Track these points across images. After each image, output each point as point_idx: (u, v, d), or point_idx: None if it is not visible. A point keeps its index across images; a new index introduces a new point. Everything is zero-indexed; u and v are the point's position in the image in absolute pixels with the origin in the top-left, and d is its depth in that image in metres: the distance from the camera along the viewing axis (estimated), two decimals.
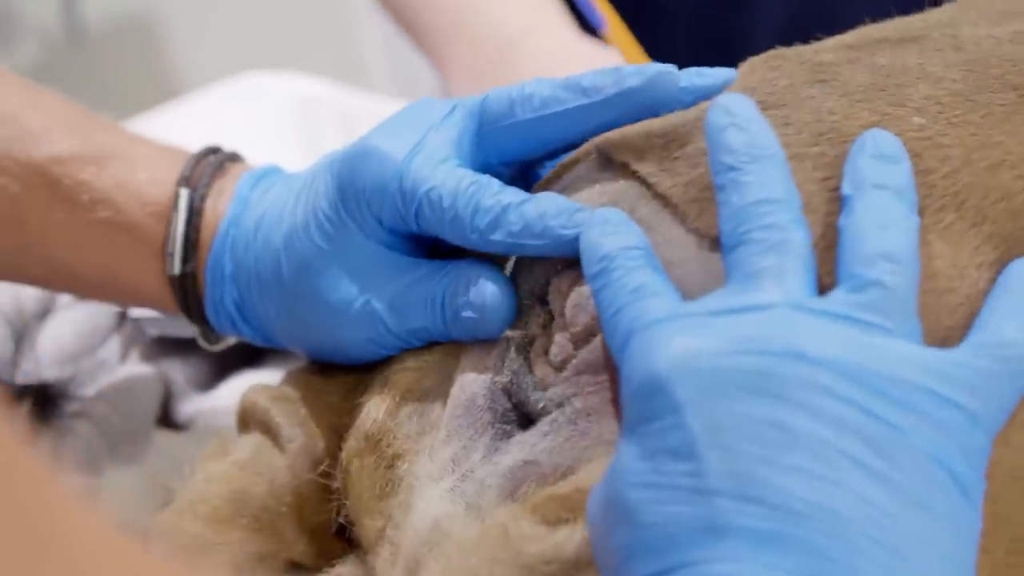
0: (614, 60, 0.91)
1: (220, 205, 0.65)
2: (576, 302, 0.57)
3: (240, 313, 0.65)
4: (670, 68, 0.59)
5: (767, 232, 0.51)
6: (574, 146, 0.61)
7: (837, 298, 0.50)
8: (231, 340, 0.71)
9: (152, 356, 0.83)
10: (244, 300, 0.64)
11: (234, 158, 0.67)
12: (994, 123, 0.57)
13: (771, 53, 0.63)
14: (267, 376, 0.85)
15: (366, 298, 0.60)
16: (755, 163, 0.52)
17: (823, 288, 0.52)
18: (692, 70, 0.59)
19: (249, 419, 0.67)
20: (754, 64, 0.62)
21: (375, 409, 0.61)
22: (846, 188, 0.53)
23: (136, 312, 0.82)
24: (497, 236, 0.58)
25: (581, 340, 0.57)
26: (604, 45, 0.93)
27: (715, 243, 0.55)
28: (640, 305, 0.51)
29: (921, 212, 0.54)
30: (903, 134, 0.56)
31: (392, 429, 0.60)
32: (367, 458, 0.61)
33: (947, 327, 0.53)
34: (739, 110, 0.54)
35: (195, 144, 0.69)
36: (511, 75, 0.87)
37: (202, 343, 0.70)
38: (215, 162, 0.66)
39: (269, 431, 0.65)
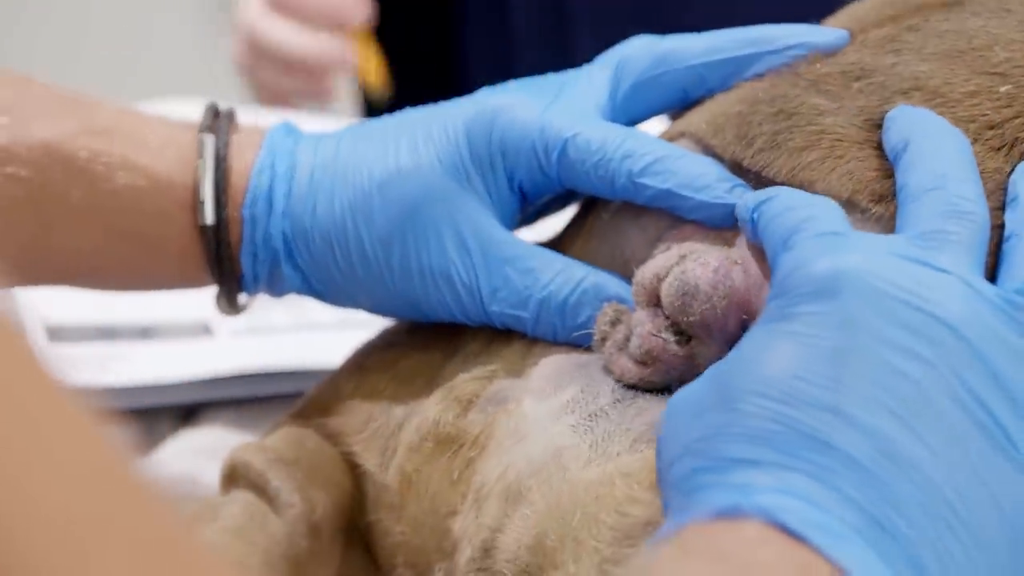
0: None
1: (247, 151, 0.64)
2: (683, 289, 0.54)
3: (288, 253, 0.64)
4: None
5: (956, 200, 0.51)
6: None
7: (1006, 294, 0.49)
8: (249, 308, 0.68)
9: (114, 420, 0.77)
10: (297, 238, 0.64)
11: (232, 113, 0.66)
12: None
13: None
14: (206, 434, 0.81)
15: (470, 268, 0.60)
16: (944, 136, 0.53)
17: None
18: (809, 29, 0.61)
19: (239, 478, 0.64)
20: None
21: (444, 414, 0.59)
22: (1019, 189, 0.53)
23: None
24: (650, 181, 0.58)
25: (697, 329, 0.55)
26: None
27: (847, 205, 0.54)
28: (811, 211, 0.51)
29: None
30: (998, 110, 0.55)
31: (466, 427, 0.59)
32: (439, 458, 0.59)
33: None
34: (913, 108, 0.55)
35: None
36: None
37: (221, 310, 0.67)
38: (227, 115, 0.65)
39: (265, 494, 0.62)
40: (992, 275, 0.51)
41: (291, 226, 0.63)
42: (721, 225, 0.57)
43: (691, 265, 0.54)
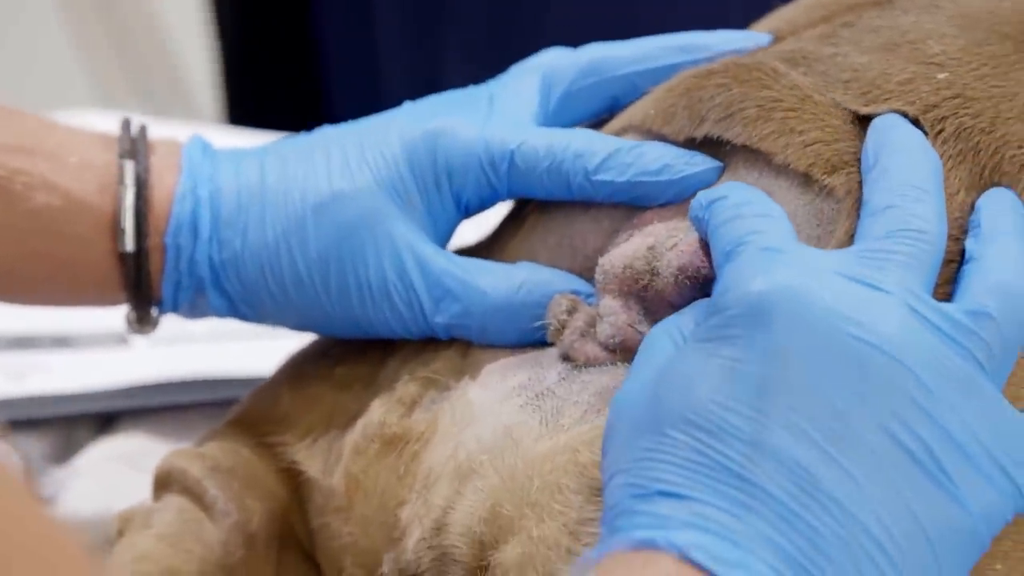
0: None
1: (166, 175, 0.63)
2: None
3: (215, 280, 0.63)
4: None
5: (910, 217, 0.51)
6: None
7: (951, 314, 0.49)
8: (161, 325, 0.67)
9: (3, 435, 0.79)
10: (226, 265, 0.63)
11: (145, 131, 0.65)
12: (1004, 73, 0.56)
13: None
14: (124, 442, 0.81)
15: (409, 286, 0.60)
16: (912, 153, 0.53)
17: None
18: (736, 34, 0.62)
19: (173, 483, 0.63)
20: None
21: (388, 416, 0.59)
22: (986, 222, 0.53)
23: None
24: (607, 176, 0.58)
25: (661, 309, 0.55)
26: None
27: (803, 179, 0.55)
28: (758, 222, 0.51)
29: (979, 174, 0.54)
30: (936, 92, 0.55)
31: (411, 425, 0.59)
32: (386, 457, 0.59)
33: None
34: (891, 120, 0.55)
35: None
36: None
37: (133, 329, 0.66)
38: (141, 135, 0.64)
39: (201, 502, 0.62)
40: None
41: (219, 252, 0.62)
42: (688, 197, 0.56)
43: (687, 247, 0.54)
